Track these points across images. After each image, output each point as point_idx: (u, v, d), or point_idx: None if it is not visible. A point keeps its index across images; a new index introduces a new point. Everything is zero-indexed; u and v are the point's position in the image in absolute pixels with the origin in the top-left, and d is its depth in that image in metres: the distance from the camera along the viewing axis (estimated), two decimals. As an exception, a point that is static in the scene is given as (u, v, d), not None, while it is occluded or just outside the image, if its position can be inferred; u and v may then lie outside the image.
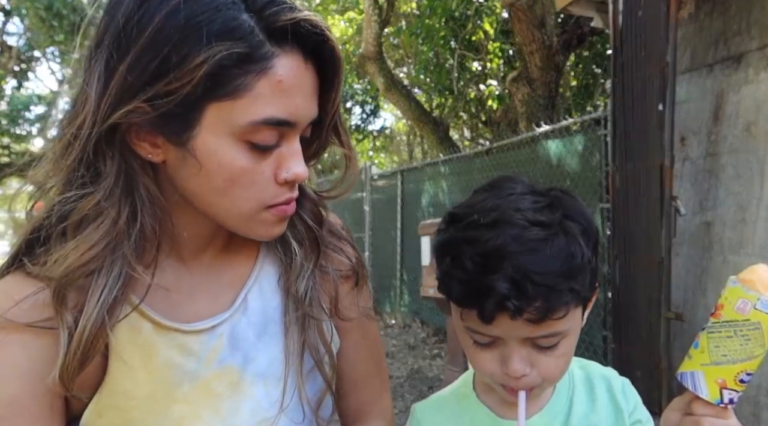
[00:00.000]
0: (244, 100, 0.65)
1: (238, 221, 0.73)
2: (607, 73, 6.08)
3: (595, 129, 4.08)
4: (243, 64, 0.63)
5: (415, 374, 5.22)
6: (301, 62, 0.68)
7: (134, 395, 0.72)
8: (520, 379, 0.69)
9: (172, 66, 0.62)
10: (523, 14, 5.60)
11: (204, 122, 0.66)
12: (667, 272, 2.96)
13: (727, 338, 0.65)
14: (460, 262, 0.67)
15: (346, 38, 11.50)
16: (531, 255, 0.64)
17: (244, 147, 0.67)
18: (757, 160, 2.97)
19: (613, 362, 3.47)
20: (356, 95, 12.45)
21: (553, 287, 0.64)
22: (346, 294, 0.88)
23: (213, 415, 0.75)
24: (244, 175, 0.68)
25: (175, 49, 0.62)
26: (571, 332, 0.70)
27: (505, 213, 0.67)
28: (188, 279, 0.79)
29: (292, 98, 0.67)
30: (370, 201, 8.50)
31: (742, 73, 3.07)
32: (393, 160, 16.64)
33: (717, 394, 0.66)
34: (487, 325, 0.67)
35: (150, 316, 0.74)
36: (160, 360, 0.73)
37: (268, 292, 0.82)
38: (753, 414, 2.94)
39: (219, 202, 0.71)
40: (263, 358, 0.79)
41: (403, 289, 7.51)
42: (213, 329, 0.77)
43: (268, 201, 0.71)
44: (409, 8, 9.53)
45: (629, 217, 3.29)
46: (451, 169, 6.51)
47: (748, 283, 0.65)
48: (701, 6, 3.37)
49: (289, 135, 0.70)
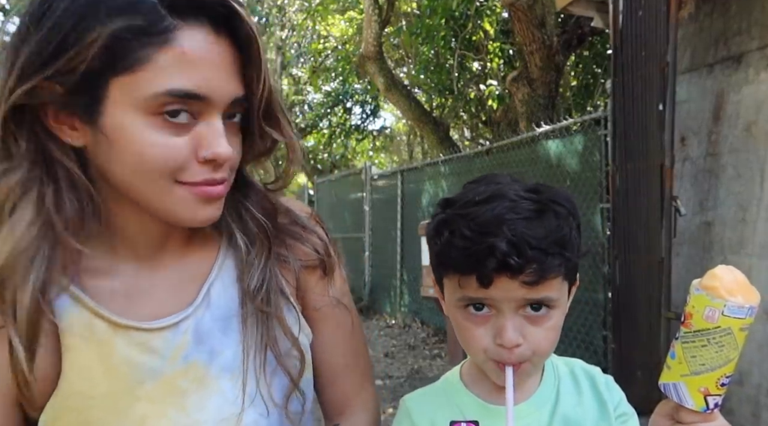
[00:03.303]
0: (145, 72, 0.65)
1: (156, 201, 0.71)
2: (607, 73, 6.08)
3: (595, 129, 4.07)
4: (142, 37, 0.64)
5: (415, 374, 5.22)
6: (210, 36, 0.67)
7: (91, 394, 0.71)
8: (512, 351, 0.71)
9: (71, 43, 0.63)
10: (523, 14, 5.60)
11: (110, 98, 0.66)
12: (667, 272, 2.96)
13: (702, 347, 0.66)
14: (458, 233, 0.70)
15: (346, 38, 11.51)
16: (526, 222, 0.69)
17: (155, 121, 0.67)
18: (757, 160, 2.97)
19: (613, 362, 3.46)
20: (356, 95, 12.45)
21: (547, 251, 0.68)
22: (315, 284, 0.87)
23: (178, 412, 0.74)
24: (153, 149, 0.67)
25: (75, 26, 0.63)
26: (560, 305, 0.74)
27: (499, 190, 0.73)
28: (147, 277, 0.78)
29: (199, 70, 0.67)
30: (370, 201, 8.50)
31: (742, 73, 3.07)
32: (393, 160, 16.64)
33: (702, 402, 0.67)
34: (485, 290, 0.70)
35: (104, 315, 0.73)
36: (118, 358, 0.73)
37: (229, 286, 0.81)
38: (753, 414, 2.94)
39: (134, 181, 0.70)
40: (229, 352, 0.78)
41: (403, 289, 7.51)
42: (176, 326, 0.76)
43: (184, 178, 0.70)
44: (409, 8, 9.53)
45: (629, 217, 3.29)
46: (451, 169, 6.51)
47: (712, 290, 0.65)
48: (701, 6, 3.37)
49: (205, 112, 0.69)
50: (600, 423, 0.80)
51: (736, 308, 0.64)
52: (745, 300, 0.65)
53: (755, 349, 2.94)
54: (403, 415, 0.84)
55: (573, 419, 0.79)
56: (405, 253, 7.41)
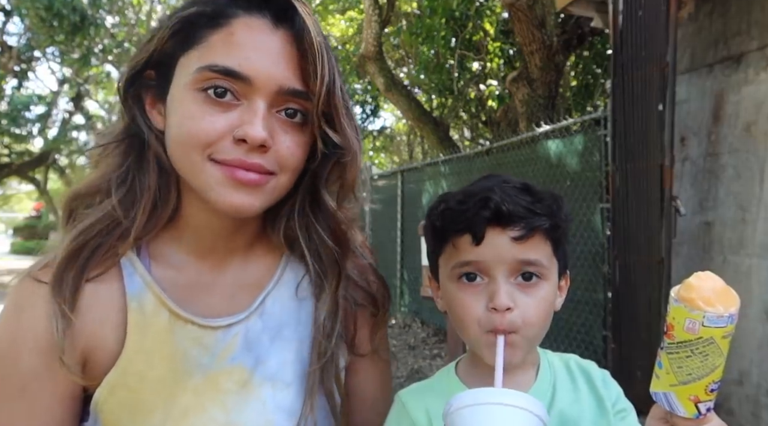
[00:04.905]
0: (198, 50, 0.72)
1: (190, 175, 0.74)
2: (607, 73, 6.08)
3: (595, 129, 4.07)
4: (205, 21, 0.72)
5: (415, 374, 5.22)
6: (266, 26, 0.73)
7: (146, 377, 0.75)
8: (504, 315, 0.74)
9: (157, 30, 0.75)
10: (523, 14, 5.60)
11: (175, 77, 0.74)
12: (667, 272, 2.96)
13: (686, 358, 0.66)
14: (453, 200, 0.78)
15: (346, 38, 11.51)
16: (515, 190, 0.77)
17: (198, 96, 0.72)
18: (757, 160, 2.97)
19: (613, 362, 3.46)
20: (356, 95, 12.44)
21: (534, 210, 0.75)
22: (363, 323, 0.90)
23: (219, 410, 0.77)
24: (191, 120, 0.71)
25: (162, 21, 0.75)
26: (550, 278, 0.78)
27: (492, 176, 0.81)
28: (209, 277, 0.82)
29: (243, 51, 0.71)
30: (370, 201, 8.49)
31: (742, 74, 3.07)
32: (393, 160, 16.64)
33: (693, 409, 0.67)
34: (478, 248, 0.75)
35: (168, 305, 0.77)
36: (174, 347, 0.77)
37: (285, 299, 0.85)
38: (753, 414, 2.94)
39: (175, 155, 0.75)
40: (274, 362, 0.81)
41: (404, 289, 7.51)
42: (228, 328, 0.80)
43: (215, 154, 0.72)
44: (409, 8, 9.52)
45: (629, 217, 3.29)
46: (451, 169, 6.51)
47: (690, 302, 0.64)
48: (701, 6, 3.37)
49: (248, 93, 0.72)
50: (598, 419, 0.80)
51: (716, 318, 0.63)
52: (725, 308, 0.64)
53: (755, 349, 2.94)
54: (399, 409, 0.84)
55: (570, 416, 0.79)
56: (405, 253, 7.41)
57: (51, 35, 11.49)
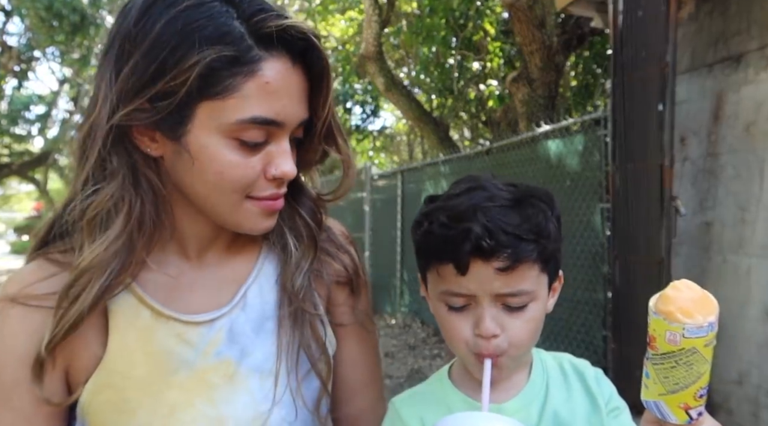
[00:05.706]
0: (233, 100, 0.71)
1: (226, 213, 0.78)
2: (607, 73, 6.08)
3: (595, 129, 4.07)
4: (232, 67, 0.70)
5: (415, 374, 5.22)
6: (288, 66, 0.73)
7: (130, 375, 0.76)
8: (490, 341, 0.73)
9: (168, 68, 0.69)
10: (523, 14, 5.60)
11: (196, 120, 0.72)
12: (667, 272, 2.96)
13: (671, 369, 0.66)
14: (437, 221, 0.74)
15: (346, 38, 11.51)
16: (502, 210, 0.72)
17: (234, 143, 0.73)
18: (756, 160, 2.97)
19: (613, 362, 3.47)
20: (356, 95, 12.45)
21: (521, 237, 0.71)
22: (343, 300, 0.92)
23: (207, 404, 0.78)
24: (232, 168, 0.73)
25: (171, 53, 0.69)
26: (539, 298, 0.75)
27: (478, 183, 0.77)
28: (191, 274, 0.84)
29: (279, 99, 0.73)
30: (370, 201, 8.50)
31: (742, 73, 3.08)
32: (393, 160, 16.64)
33: (684, 415, 0.67)
34: (463, 279, 0.72)
35: (149, 303, 0.79)
36: (158, 345, 0.78)
37: (266, 290, 0.86)
38: (753, 414, 2.95)
39: (210, 195, 0.76)
40: (259, 353, 0.82)
41: (403, 289, 7.51)
42: (212, 322, 0.81)
43: (254, 193, 0.76)
44: (409, 8, 9.52)
45: (629, 217, 3.29)
46: (451, 169, 6.52)
47: (668, 314, 0.64)
48: (701, 6, 3.37)
49: (277, 134, 0.75)
50: (591, 418, 0.80)
51: (696, 329, 0.63)
52: (704, 318, 0.64)
53: (755, 350, 2.94)
54: (393, 417, 0.84)
55: (563, 415, 0.79)
56: (405, 253, 7.41)
57: (51, 35, 11.49)
